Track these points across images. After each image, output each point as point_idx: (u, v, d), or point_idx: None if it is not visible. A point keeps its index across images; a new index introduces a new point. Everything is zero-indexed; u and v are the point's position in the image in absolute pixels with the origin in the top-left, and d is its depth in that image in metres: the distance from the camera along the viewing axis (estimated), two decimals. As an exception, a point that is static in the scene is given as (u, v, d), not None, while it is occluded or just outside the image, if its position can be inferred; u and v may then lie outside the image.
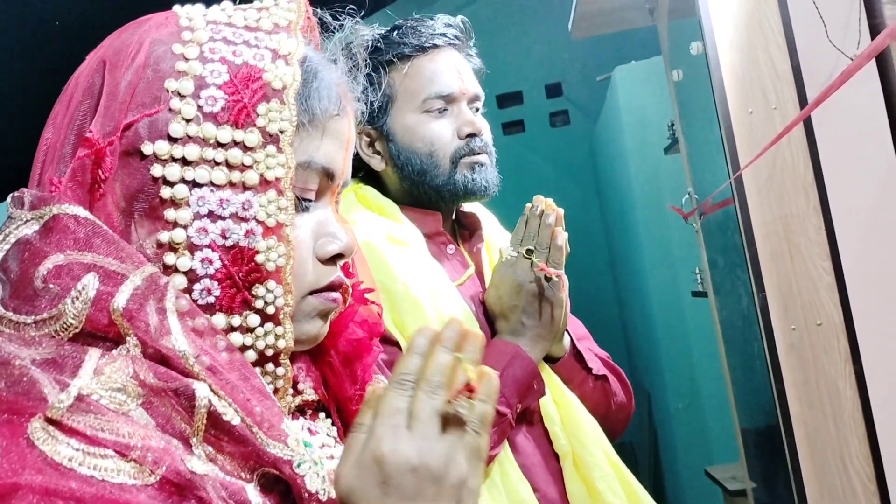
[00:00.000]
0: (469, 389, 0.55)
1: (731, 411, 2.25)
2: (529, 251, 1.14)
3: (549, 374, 1.19)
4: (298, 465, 0.54)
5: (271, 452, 0.53)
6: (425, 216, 1.21)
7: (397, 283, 1.08)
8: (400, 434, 0.52)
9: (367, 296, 0.75)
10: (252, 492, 0.51)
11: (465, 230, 1.30)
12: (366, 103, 0.76)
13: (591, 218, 5.31)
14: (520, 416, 1.12)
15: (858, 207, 1.72)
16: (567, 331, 1.22)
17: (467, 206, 1.30)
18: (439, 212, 1.23)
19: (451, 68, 1.20)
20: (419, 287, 1.09)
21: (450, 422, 0.54)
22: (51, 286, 0.51)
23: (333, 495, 0.56)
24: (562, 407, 1.17)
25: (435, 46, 1.20)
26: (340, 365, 0.70)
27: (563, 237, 1.15)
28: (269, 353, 0.60)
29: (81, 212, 0.54)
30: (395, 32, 1.21)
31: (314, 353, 0.70)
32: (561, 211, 1.17)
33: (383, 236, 1.12)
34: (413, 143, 1.18)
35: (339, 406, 0.70)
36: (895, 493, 1.75)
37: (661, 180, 3.46)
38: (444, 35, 1.21)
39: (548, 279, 1.14)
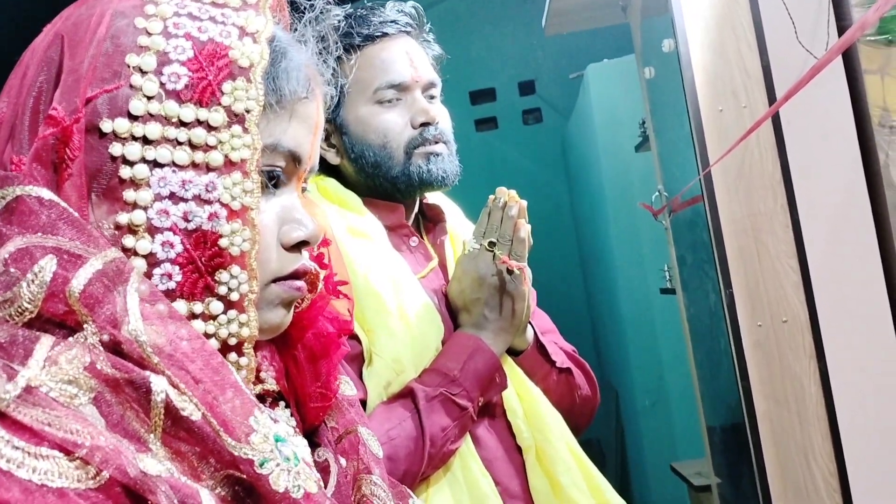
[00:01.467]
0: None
1: (698, 408, 2.27)
2: (492, 244, 1.12)
3: (511, 368, 1.18)
4: (261, 465, 0.51)
5: (230, 451, 0.50)
6: (387, 208, 1.19)
7: (357, 277, 1.06)
8: None
9: (339, 289, 0.74)
10: (207, 497, 0.48)
11: (429, 222, 1.28)
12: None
13: (561, 215, 5.33)
14: (482, 410, 1.11)
15: (825, 206, 1.73)
16: (531, 324, 1.21)
17: (431, 198, 1.28)
18: (401, 204, 1.21)
19: (402, 56, 1.18)
20: (380, 280, 1.07)
21: None
22: (10, 270, 0.48)
23: (311, 490, 0.54)
24: (525, 400, 1.16)
25: (385, 35, 1.18)
26: (305, 360, 0.68)
27: (525, 229, 1.14)
28: (233, 341, 0.57)
29: (46, 193, 0.52)
30: (345, 22, 1.17)
31: (279, 344, 0.68)
32: (524, 203, 1.15)
33: (344, 229, 1.10)
34: (366, 134, 1.16)
35: (299, 400, 0.68)
36: (856, 490, 1.77)
37: (632, 178, 3.47)
38: (394, 22, 1.19)
39: (510, 272, 1.13)
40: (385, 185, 1.17)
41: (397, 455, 0.99)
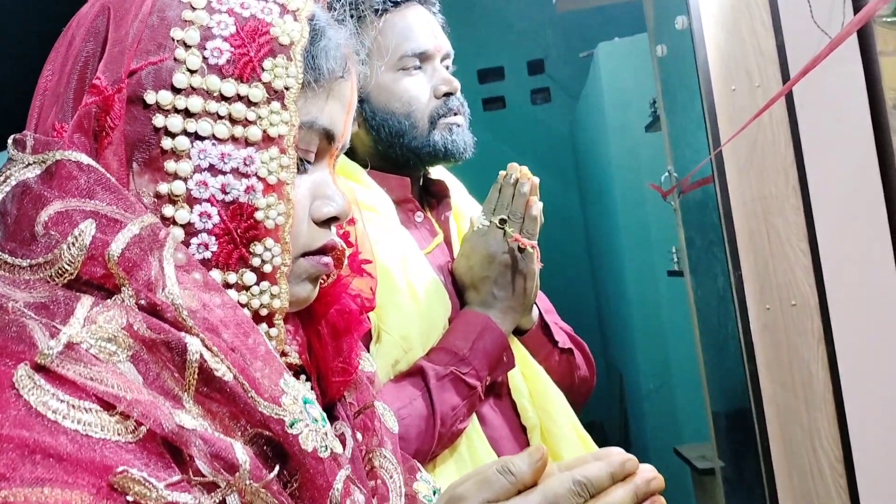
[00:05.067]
0: None
1: (703, 391, 2.26)
2: (503, 221, 1.10)
3: (517, 347, 1.17)
4: (291, 425, 0.53)
5: (261, 412, 0.52)
6: (394, 181, 1.17)
7: (367, 252, 1.05)
8: None
9: (363, 267, 0.75)
10: (240, 449, 0.50)
11: (433, 198, 1.26)
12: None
13: (569, 197, 5.30)
14: (487, 389, 1.10)
15: (837, 189, 1.71)
16: (535, 303, 1.20)
17: (435, 173, 1.26)
18: (409, 177, 1.19)
19: (424, 24, 1.16)
20: (389, 255, 1.05)
21: None
22: (51, 233, 0.50)
23: (338, 450, 0.56)
24: (530, 380, 1.16)
25: (404, 1, 1.16)
26: (329, 336, 0.70)
27: (537, 207, 1.12)
28: (264, 312, 0.59)
29: (85, 159, 0.53)
30: None
31: (303, 319, 0.69)
32: (536, 180, 1.13)
33: (352, 201, 1.09)
34: (390, 103, 1.14)
35: (321, 375, 0.69)
36: (861, 475, 1.77)
37: (641, 159, 3.44)
38: None
39: (521, 250, 1.11)
40: (406, 154, 1.15)
41: (408, 434, 0.98)
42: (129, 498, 0.44)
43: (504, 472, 0.57)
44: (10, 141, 0.55)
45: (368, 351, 1.02)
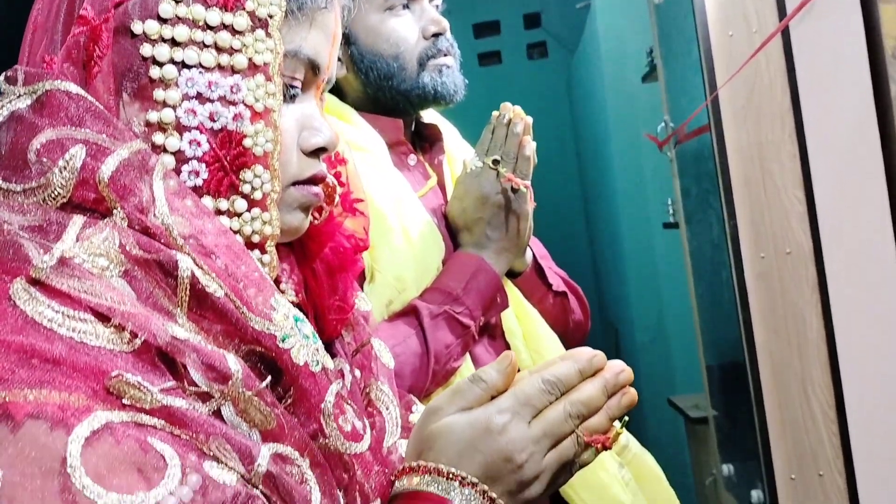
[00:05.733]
0: (601, 443, 0.60)
1: (697, 342, 2.27)
2: (496, 161, 1.10)
3: (510, 289, 1.17)
4: (283, 340, 0.54)
5: (254, 327, 0.53)
6: (386, 123, 1.16)
7: (359, 192, 1.04)
8: (519, 424, 0.57)
9: (355, 206, 0.76)
10: (232, 359, 0.51)
11: (426, 142, 1.25)
12: None
13: (565, 152, 5.28)
14: (481, 330, 1.10)
15: (833, 136, 1.70)
16: (529, 245, 1.20)
17: (427, 117, 1.25)
18: (400, 119, 1.18)
19: None
20: (382, 195, 1.05)
21: (560, 442, 0.59)
22: (43, 159, 0.52)
23: (329, 365, 0.58)
24: (523, 321, 1.16)
25: None
26: (324, 274, 0.71)
27: (531, 147, 1.11)
28: (256, 239, 0.60)
29: (74, 88, 0.55)
30: None
31: (299, 258, 0.71)
32: (529, 119, 1.12)
33: (343, 142, 1.08)
34: (377, 44, 1.13)
35: (318, 313, 0.71)
36: (853, 421, 1.78)
37: (638, 110, 3.42)
38: None
39: (514, 190, 1.10)
40: (395, 97, 1.14)
41: (403, 372, 0.99)
42: (125, 401, 0.45)
43: (475, 380, 0.60)
44: (1, 78, 0.57)
45: (362, 291, 1.03)
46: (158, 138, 0.57)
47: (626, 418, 0.62)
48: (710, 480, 2.31)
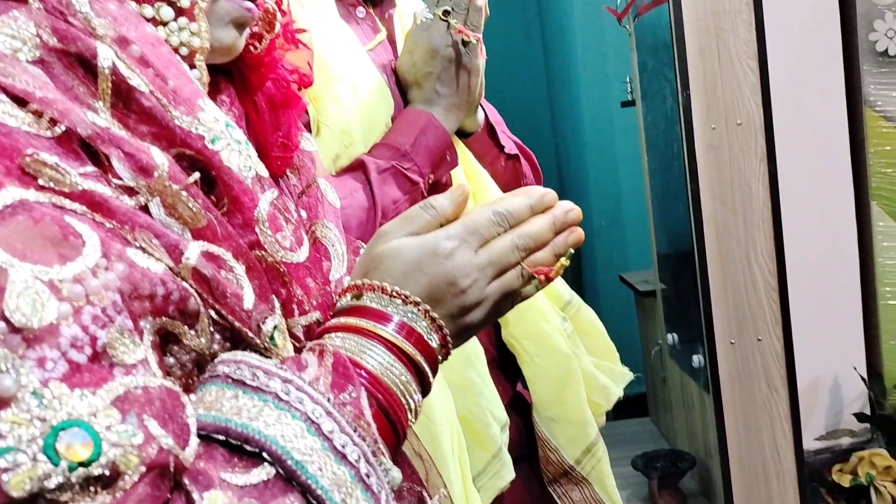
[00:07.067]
0: (544, 275, 0.60)
1: (648, 218, 2.31)
2: (446, 12, 1.07)
3: (461, 149, 1.16)
4: (213, 141, 0.51)
5: (180, 126, 0.50)
6: None
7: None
8: (466, 250, 0.57)
9: (298, 38, 0.72)
10: (158, 153, 0.48)
11: None
12: None
13: (531, 37, 5.18)
14: (431, 189, 1.10)
15: (791, 6, 1.69)
16: (481, 105, 1.19)
17: None
18: None
19: None
20: (327, 45, 1.02)
21: (505, 272, 0.59)
22: None
23: (263, 172, 0.56)
24: (474, 182, 1.16)
25: None
26: (266, 108, 0.69)
27: None
28: (184, 52, 0.56)
29: None
30: None
31: (240, 91, 0.68)
32: None
33: None
34: None
35: (261, 150, 0.68)
36: (793, 288, 1.85)
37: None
38: None
39: (465, 43, 1.08)
40: None
41: (349, 224, 0.99)
42: (41, 182, 0.43)
43: (426, 207, 0.60)
44: None
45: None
46: None
47: (572, 251, 0.63)
48: (656, 350, 2.40)
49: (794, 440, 1.86)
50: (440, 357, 0.59)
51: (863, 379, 2.33)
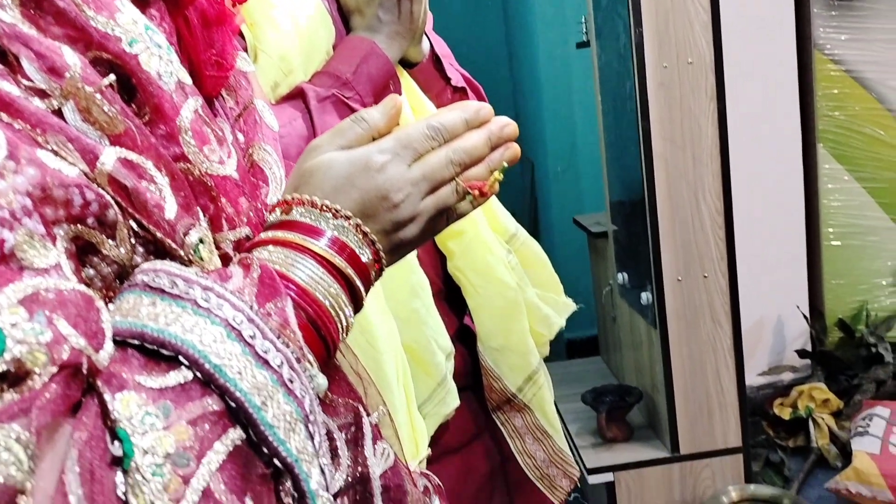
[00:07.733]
0: (478, 189, 0.59)
1: (601, 159, 2.32)
2: None
3: (406, 80, 1.14)
4: (131, 44, 0.48)
5: (97, 28, 0.47)
6: None
7: None
8: (399, 164, 0.56)
9: None
10: (70, 52, 0.45)
11: None
12: None
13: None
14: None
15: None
16: (427, 36, 1.17)
17: None
18: None
19: None
20: None
21: (439, 187, 0.58)
22: None
23: (185, 80, 0.54)
24: (419, 113, 1.14)
25: None
26: (199, 25, 0.65)
27: None
28: None
29: None
30: None
31: (171, 5, 0.63)
32: None
33: None
34: None
35: (193, 69, 0.64)
36: (739, 225, 1.88)
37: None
38: None
39: (408, -32, 1.06)
40: None
41: (288, 153, 0.97)
42: None
43: (357, 120, 0.58)
44: None
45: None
46: None
47: (506, 165, 0.62)
48: (607, 290, 2.43)
49: (736, 374, 1.91)
50: (373, 273, 0.58)
51: (805, 317, 2.40)
